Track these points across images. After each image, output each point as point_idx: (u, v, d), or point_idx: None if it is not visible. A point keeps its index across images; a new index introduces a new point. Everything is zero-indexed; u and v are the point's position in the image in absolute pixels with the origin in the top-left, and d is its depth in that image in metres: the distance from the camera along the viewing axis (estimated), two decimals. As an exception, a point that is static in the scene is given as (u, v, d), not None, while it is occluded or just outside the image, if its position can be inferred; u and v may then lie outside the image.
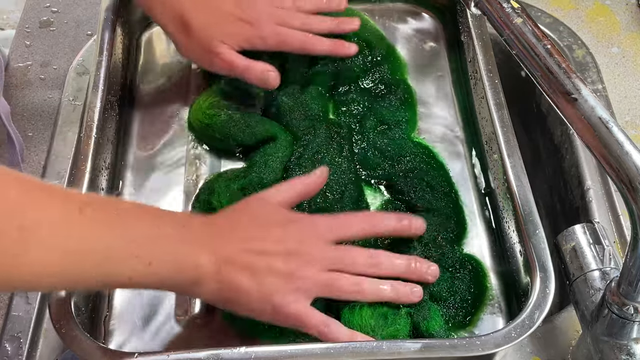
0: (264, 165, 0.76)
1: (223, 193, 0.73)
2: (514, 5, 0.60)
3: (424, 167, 0.78)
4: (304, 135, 0.80)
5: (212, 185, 0.75)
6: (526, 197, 0.69)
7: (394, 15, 0.95)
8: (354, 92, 0.84)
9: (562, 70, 0.55)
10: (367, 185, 0.78)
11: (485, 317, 0.69)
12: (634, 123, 0.86)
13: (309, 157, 0.78)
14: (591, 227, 0.65)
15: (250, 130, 0.79)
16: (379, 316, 0.65)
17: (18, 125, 0.84)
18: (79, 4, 0.97)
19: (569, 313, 0.70)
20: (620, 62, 0.92)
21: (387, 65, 0.87)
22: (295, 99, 0.82)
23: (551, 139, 0.91)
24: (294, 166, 0.77)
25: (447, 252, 0.72)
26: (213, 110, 0.80)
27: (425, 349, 0.59)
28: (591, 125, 0.52)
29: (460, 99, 0.86)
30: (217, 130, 0.79)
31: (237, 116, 0.79)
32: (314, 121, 0.81)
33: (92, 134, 0.73)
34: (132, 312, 0.69)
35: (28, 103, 0.87)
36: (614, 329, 0.57)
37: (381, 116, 0.82)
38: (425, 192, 0.75)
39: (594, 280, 0.62)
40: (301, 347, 0.62)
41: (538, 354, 0.68)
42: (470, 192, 0.78)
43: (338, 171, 0.77)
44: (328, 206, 0.74)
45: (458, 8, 0.89)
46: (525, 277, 0.66)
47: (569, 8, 0.98)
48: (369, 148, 0.79)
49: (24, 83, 0.89)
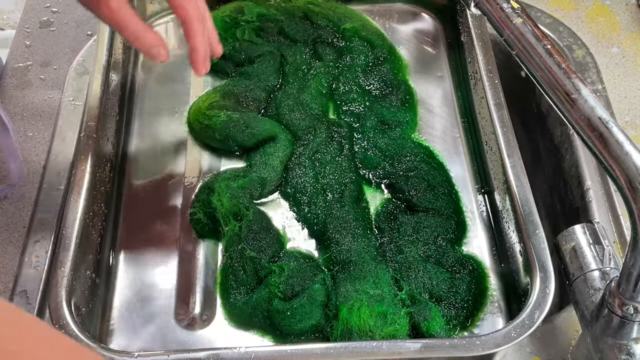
0: (264, 164, 0.76)
1: (223, 192, 0.73)
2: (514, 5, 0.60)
3: (425, 166, 0.78)
4: (304, 135, 0.80)
5: (211, 185, 0.75)
6: (526, 197, 0.69)
7: (394, 15, 0.95)
8: (355, 92, 0.84)
9: (562, 71, 0.55)
10: (367, 185, 0.78)
11: (485, 317, 0.69)
12: (634, 123, 0.86)
13: (309, 157, 0.78)
14: (591, 227, 0.65)
15: (250, 130, 0.79)
16: (377, 316, 0.65)
17: (18, 125, 0.84)
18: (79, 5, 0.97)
19: (569, 313, 0.70)
20: (620, 62, 0.92)
21: (389, 65, 0.87)
22: (295, 99, 0.82)
23: (551, 139, 0.91)
24: (294, 165, 0.77)
25: (448, 252, 0.72)
26: (212, 110, 0.80)
27: (425, 348, 0.59)
28: (591, 125, 0.52)
29: (460, 99, 0.86)
30: (216, 131, 0.79)
31: (236, 116, 0.79)
32: (314, 121, 0.81)
33: (92, 134, 0.74)
34: (132, 312, 0.69)
35: (28, 103, 0.87)
36: (613, 328, 0.57)
37: (382, 116, 0.82)
38: (425, 192, 0.75)
39: (593, 280, 0.62)
40: (301, 347, 0.62)
41: (538, 354, 0.68)
42: (470, 192, 0.78)
43: (338, 170, 0.77)
44: (328, 205, 0.74)
45: (458, 8, 0.89)
46: (525, 277, 0.66)
47: (569, 8, 0.98)
48: (370, 147, 0.79)
49: (24, 83, 0.89)
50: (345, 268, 0.69)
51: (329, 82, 0.85)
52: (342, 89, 0.85)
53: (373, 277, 0.68)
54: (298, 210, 0.75)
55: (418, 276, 0.69)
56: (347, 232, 0.72)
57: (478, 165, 0.80)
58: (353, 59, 0.86)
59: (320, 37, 0.89)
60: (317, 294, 0.67)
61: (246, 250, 0.70)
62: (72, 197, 0.69)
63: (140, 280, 0.72)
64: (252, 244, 0.71)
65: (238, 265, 0.70)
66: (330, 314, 0.67)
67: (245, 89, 0.83)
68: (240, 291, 0.69)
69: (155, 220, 0.76)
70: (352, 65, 0.86)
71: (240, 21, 0.89)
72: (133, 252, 0.74)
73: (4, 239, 0.76)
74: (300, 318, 0.66)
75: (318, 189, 0.76)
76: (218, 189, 0.74)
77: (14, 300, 0.72)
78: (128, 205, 0.77)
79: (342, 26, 0.89)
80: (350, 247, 0.71)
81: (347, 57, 0.87)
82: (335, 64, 0.86)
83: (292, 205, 0.76)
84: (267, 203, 0.77)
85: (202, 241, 0.74)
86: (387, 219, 0.74)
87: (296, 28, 0.89)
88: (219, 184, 0.75)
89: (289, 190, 0.76)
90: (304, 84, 0.84)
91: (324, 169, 0.77)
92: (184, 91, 0.87)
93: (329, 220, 0.73)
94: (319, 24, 0.90)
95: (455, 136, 0.83)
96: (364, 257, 0.70)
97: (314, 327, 0.67)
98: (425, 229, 0.73)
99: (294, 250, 0.73)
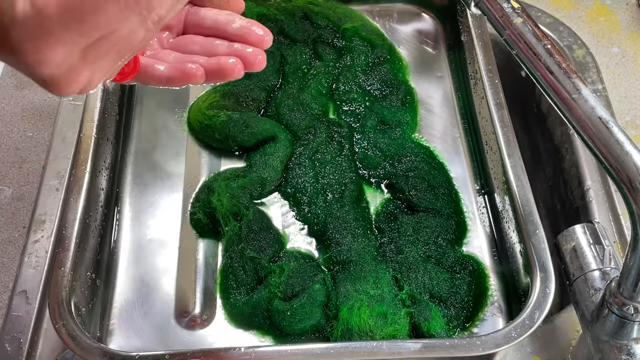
0: (264, 164, 0.76)
1: (223, 192, 0.73)
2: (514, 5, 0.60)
3: (425, 167, 0.78)
4: (304, 135, 0.80)
5: (211, 185, 0.75)
6: (526, 197, 0.69)
7: (394, 15, 0.95)
8: (355, 92, 0.84)
9: (562, 70, 0.55)
10: (367, 184, 0.78)
11: (485, 317, 0.69)
12: (634, 123, 0.86)
13: (309, 157, 0.78)
14: (591, 227, 0.65)
15: (250, 130, 0.79)
16: (377, 316, 0.65)
17: (18, 125, 0.84)
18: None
19: (569, 313, 0.70)
20: (620, 62, 0.92)
21: (389, 65, 0.87)
22: (295, 99, 0.82)
23: (551, 139, 0.90)
24: (294, 165, 0.77)
25: (448, 253, 0.72)
26: (212, 110, 0.80)
27: (425, 348, 0.59)
28: (591, 125, 0.52)
29: (460, 99, 0.86)
30: (216, 131, 0.79)
31: (236, 116, 0.79)
32: (314, 121, 0.81)
33: (92, 134, 0.74)
34: (132, 312, 0.69)
35: (28, 103, 0.87)
36: (614, 328, 0.57)
37: (382, 116, 0.82)
38: (426, 192, 0.75)
39: (594, 280, 0.62)
40: (301, 347, 0.62)
41: (538, 354, 0.68)
42: (470, 192, 0.78)
43: (338, 170, 0.77)
44: (328, 205, 0.74)
45: (458, 8, 0.89)
46: (525, 277, 0.66)
47: (569, 8, 0.98)
48: (370, 147, 0.79)
49: (24, 83, 0.89)
50: (346, 268, 0.69)
51: (329, 82, 0.85)
52: (342, 88, 0.85)
53: (373, 277, 0.68)
54: (298, 210, 0.75)
55: (418, 276, 0.69)
56: (347, 232, 0.72)
57: (478, 165, 0.80)
58: (353, 59, 0.86)
59: (320, 37, 0.89)
60: (317, 294, 0.67)
61: (246, 250, 0.70)
62: (72, 197, 0.69)
63: (140, 280, 0.72)
64: (252, 243, 0.71)
65: (238, 265, 0.70)
66: (331, 314, 0.67)
67: (245, 89, 0.83)
68: (240, 291, 0.69)
69: (155, 220, 0.76)
70: (353, 65, 0.86)
71: (240, 21, 0.89)
72: (133, 252, 0.74)
73: (4, 239, 0.76)
74: (300, 318, 0.66)
75: (318, 188, 0.76)
76: (218, 188, 0.74)
77: (14, 300, 0.72)
78: (128, 205, 0.77)
79: (342, 26, 0.89)
80: (350, 247, 0.71)
81: (347, 57, 0.87)
82: (336, 64, 0.86)
83: (292, 205, 0.76)
84: (267, 203, 0.77)
85: (202, 241, 0.74)
86: (387, 219, 0.74)
87: (296, 28, 0.89)
88: (218, 183, 0.75)
89: (289, 190, 0.76)
90: (304, 83, 0.84)
91: (324, 169, 0.77)
92: (184, 91, 0.86)
93: (329, 220, 0.73)
94: (319, 24, 0.90)
95: (455, 136, 0.83)
96: (364, 257, 0.70)
97: (314, 327, 0.67)
98: (426, 229, 0.73)
99: (294, 250, 0.73)
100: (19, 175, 0.80)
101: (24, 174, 0.80)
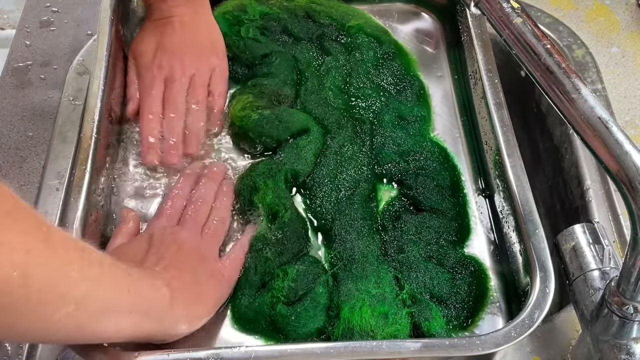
0: (297, 157, 0.76)
1: (268, 190, 0.73)
2: (513, 5, 0.60)
3: (437, 166, 0.77)
4: (333, 129, 0.79)
5: (252, 183, 0.75)
6: (526, 197, 0.69)
7: (394, 15, 0.95)
8: (369, 88, 0.84)
9: (561, 70, 0.55)
10: (379, 181, 0.78)
11: (485, 317, 0.69)
12: (634, 123, 0.86)
13: (336, 151, 0.78)
14: (591, 227, 0.65)
15: (284, 125, 0.78)
16: (379, 316, 0.65)
17: (18, 125, 0.84)
18: (79, 4, 0.97)
19: (569, 313, 0.70)
20: (620, 62, 0.92)
21: (399, 60, 0.87)
22: (318, 94, 0.82)
23: (551, 139, 0.90)
24: (321, 159, 0.77)
25: (449, 253, 0.72)
26: (244, 112, 0.80)
27: (425, 348, 0.59)
28: (591, 125, 0.52)
29: (460, 99, 0.86)
30: (250, 130, 0.79)
31: (268, 113, 0.79)
32: (340, 115, 0.81)
33: (92, 134, 0.73)
34: (132, 311, 0.69)
35: (28, 103, 0.87)
36: (613, 328, 0.57)
37: (399, 111, 0.82)
38: (432, 192, 0.75)
39: (593, 280, 0.62)
40: (301, 346, 0.62)
41: (538, 354, 0.68)
42: (470, 192, 0.78)
43: (357, 166, 0.77)
44: (339, 201, 0.74)
45: (458, 8, 0.89)
46: (525, 276, 0.66)
47: (569, 8, 0.98)
48: (387, 142, 0.79)
49: (24, 83, 0.89)
50: (348, 266, 0.69)
51: (343, 77, 0.85)
52: (355, 84, 0.84)
53: (375, 277, 0.68)
54: (310, 202, 0.75)
55: (419, 276, 0.69)
56: (352, 230, 0.72)
57: (478, 164, 0.80)
58: (362, 55, 0.86)
59: (325, 35, 0.89)
60: (320, 297, 0.67)
61: (264, 249, 0.70)
62: (72, 197, 0.69)
63: (140, 280, 0.71)
64: (275, 246, 0.70)
65: (252, 262, 0.70)
66: (332, 314, 0.67)
67: (276, 87, 0.83)
68: (244, 292, 0.69)
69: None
70: (363, 60, 0.86)
71: (243, 20, 0.89)
72: (133, 252, 0.74)
73: (4, 238, 0.76)
74: (304, 322, 0.66)
75: (335, 183, 0.75)
76: (263, 186, 0.73)
77: (14, 300, 0.72)
78: (128, 205, 0.77)
79: (346, 24, 0.89)
80: (353, 245, 0.71)
81: (357, 53, 0.86)
82: (347, 60, 0.86)
83: (305, 198, 0.76)
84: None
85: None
86: (392, 217, 0.74)
87: (299, 26, 0.89)
88: (260, 181, 0.74)
89: (309, 183, 0.76)
90: (321, 80, 0.84)
91: (345, 164, 0.77)
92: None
93: (337, 216, 0.73)
94: (322, 22, 0.90)
95: (455, 136, 0.83)
96: (367, 256, 0.70)
97: (318, 331, 0.66)
98: (428, 229, 0.73)
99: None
100: (19, 175, 0.80)
101: (24, 174, 0.80)
